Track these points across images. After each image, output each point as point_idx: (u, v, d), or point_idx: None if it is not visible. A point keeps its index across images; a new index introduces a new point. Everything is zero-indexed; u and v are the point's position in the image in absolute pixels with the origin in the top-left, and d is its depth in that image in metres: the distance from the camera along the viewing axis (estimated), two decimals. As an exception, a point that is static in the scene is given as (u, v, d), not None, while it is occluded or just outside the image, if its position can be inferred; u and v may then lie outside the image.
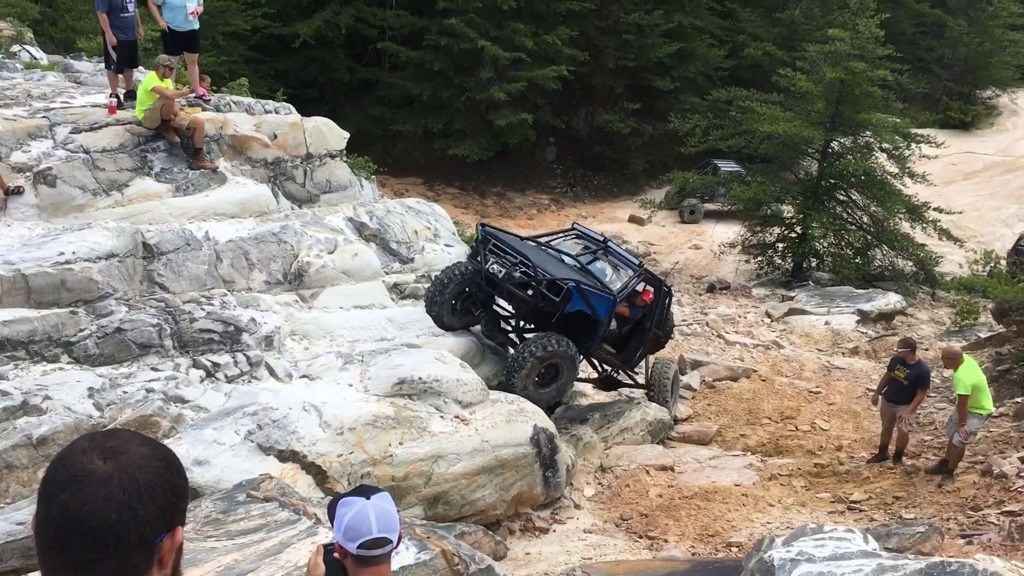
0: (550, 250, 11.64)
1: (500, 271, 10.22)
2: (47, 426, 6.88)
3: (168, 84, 10.82)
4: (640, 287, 11.45)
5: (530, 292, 10.10)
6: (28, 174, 9.70)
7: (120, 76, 11.41)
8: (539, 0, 31.17)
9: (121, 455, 1.45)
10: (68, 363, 7.91)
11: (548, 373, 10.16)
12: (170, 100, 10.59)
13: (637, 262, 11.93)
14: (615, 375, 12.51)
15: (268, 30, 28.22)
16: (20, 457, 6.68)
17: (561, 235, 12.49)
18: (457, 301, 10.65)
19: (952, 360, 10.01)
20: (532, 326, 10.92)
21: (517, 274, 10.15)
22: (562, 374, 10.28)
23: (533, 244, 11.75)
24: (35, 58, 15.70)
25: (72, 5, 23.50)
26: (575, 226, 12.72)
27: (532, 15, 31.04)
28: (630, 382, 12.62)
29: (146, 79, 10.72)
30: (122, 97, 11.24)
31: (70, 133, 10.25)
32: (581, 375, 11.92)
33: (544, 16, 31.37)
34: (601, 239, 11.99)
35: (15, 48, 15.95)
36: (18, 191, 9.50)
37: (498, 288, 10.30)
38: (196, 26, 11.51)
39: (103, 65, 15.04)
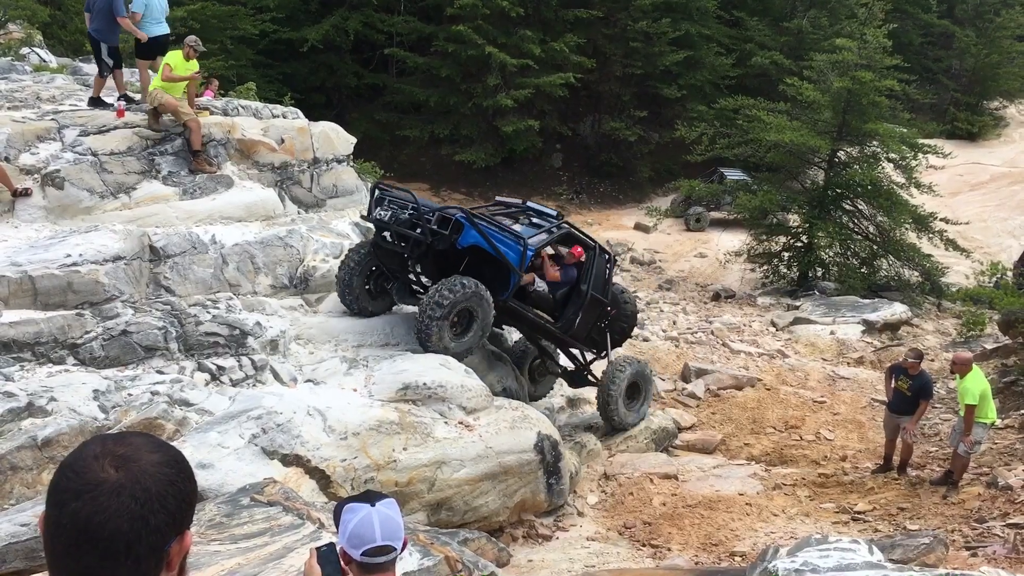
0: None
1: (386, 215, 9.85)
2: (52, 428, 6.88)
3: (194, 66, 11.04)
4: (569, 250, 10.91)
5: (419, 231, 9.57)
6: (36, 176, 9.73)
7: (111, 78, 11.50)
8: (547, 7, 31.23)
9: (133, 463, 1.44)
10: (74, 365, 7.92)
11: (462, 321, 9.62)
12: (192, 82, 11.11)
13: (557, 221, 11.14)
14: (586, 373, 11.96)
15: (276, 35, 28.31)
16: (25, 459, 6.69)
17: (482, 206, 11.96)
18: (370, 283, 10.41)
19: (962, 367, 9.96)
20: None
21: (405, 215, 9.73)
22: (476, 317, 9.69)
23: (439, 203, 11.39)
24: (44, 61, 15.73)
25: (81, 8, 23.55)
26: (496, 199, 12.14)
27: (540, 22, 31.10)
28: (593, 382, 11.90)
29: (173, 56, 10.92)
30: (115, 100, 11.31)
31: (78, 136, 10.29)
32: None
33: (552, 23, 31.43)
34: (521, 203, 11.54)
35: (24, 51, 16.00)
36: (26, 193, 9.53)
37: (392, 239, 9.91)
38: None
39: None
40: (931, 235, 22.13)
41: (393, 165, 24.75)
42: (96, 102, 11.28)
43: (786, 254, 23.58)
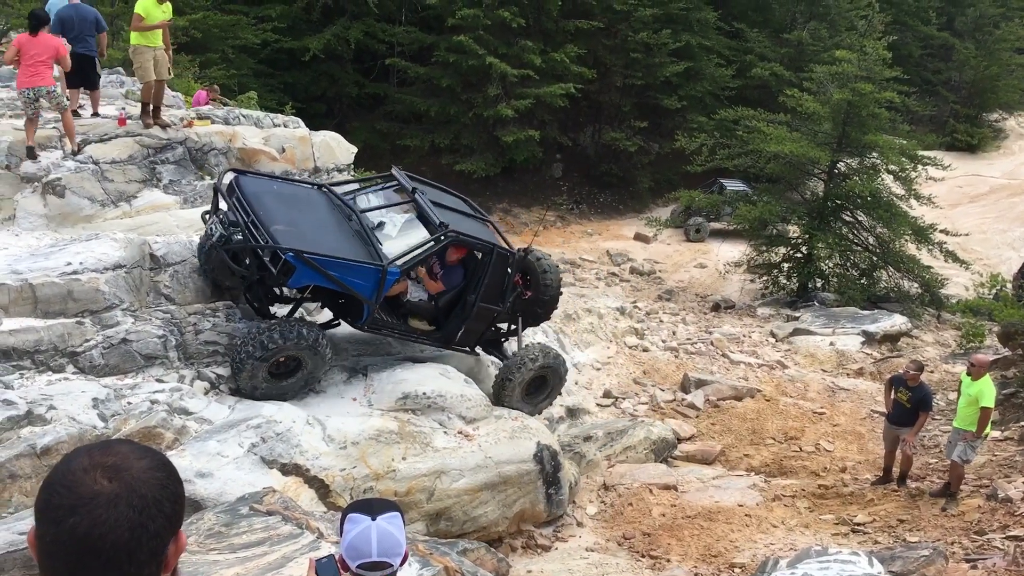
0: (341, 202, 9.72)
1: (216, 231, 8.64)
2: (51, 436, 6.87)
3: (168, 11, 10.87)
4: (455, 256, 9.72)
5: (245, 266, 8.49)
6: (37, 184, 9.74)
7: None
8: (547, 18, 31.33)
9: (125, 472, 1.45)
10: (73, 373, 7.92)
11: (288, 363, 8.65)
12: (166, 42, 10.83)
13: (441, 222, 9.24)
14: (500, 342, 10.74)
15: (278, 44, 28.36)
16: (24, 467, 6.68)
17: (380, 181, 10.66)
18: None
19: (980, 369, 9.92)
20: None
21: (237, 237, 8.42)
22: (304, 367, 8.70)
23: (317, 191, 9.89)
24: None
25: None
26: (393, 170, 10.48)
27: (540, 33, 31.20)
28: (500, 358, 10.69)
29: (143, 4, 10.61)
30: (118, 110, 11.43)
31: (80, 144, 10.30)
32: None
33: (552, 34, 31.53)
34: (411, 189, 9.80)
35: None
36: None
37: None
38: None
39: (112, 77, 15.19)
40: (931, 247, 22.16)
41: (393, 174, 24.79)
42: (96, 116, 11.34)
43: (786, 265, 23.60)
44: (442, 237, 9.15)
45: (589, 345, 15.87)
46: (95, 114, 11.41)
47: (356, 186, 10.66)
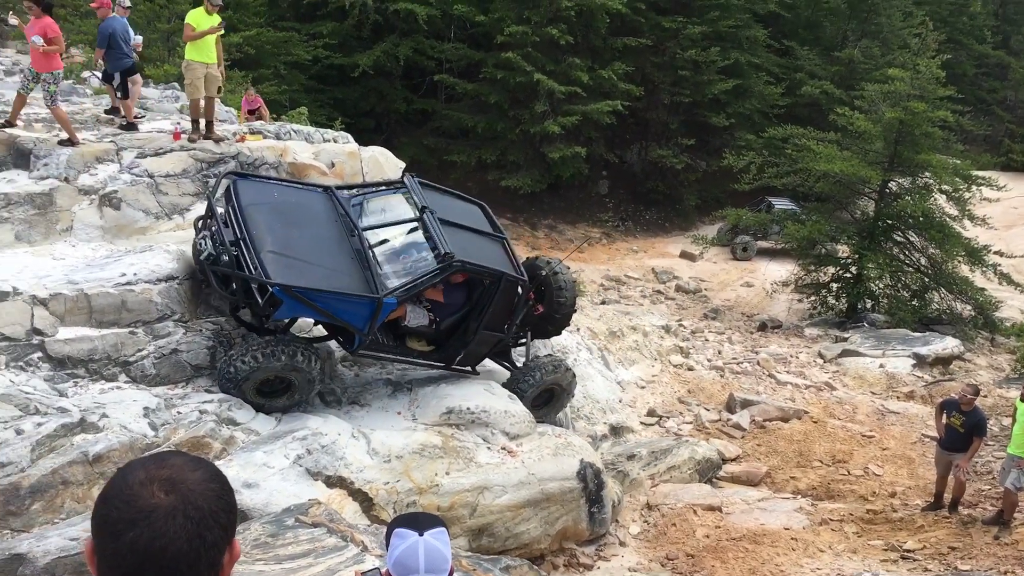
0: (344, 212, 9.27)
1: (206, 248, 8.39)
2: (103, 444, 7.00)
3: (216, 20, 11.22)
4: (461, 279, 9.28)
5: (231, 291, 8.34)
6: (94, 197, 9.97)
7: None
8: (596, 36, 31.36)
9: (181, 484, 1.48)
10: (125, 382, 8.07)
11: (278, 382, 8.39)
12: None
13: (446, 252, 8.63)
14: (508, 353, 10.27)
15: (328, 60, 28.76)
16: (76, 473, 6.81)
17: (386, 187, 10.13)
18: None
19: None
20: None
21: (225, 258, 8.15)
22: (294, 387, 8.42)
23: (322, 197, 9.44)
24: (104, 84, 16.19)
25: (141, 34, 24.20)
26: (405, 178, 9.94)
27: (588, 50, 31.23)
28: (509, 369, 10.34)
29: (192, 15, 11.09)
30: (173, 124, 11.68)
31: (136, 158, 10.53)
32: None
33: (600, 51, 31.55)
34: (420, 208, 9.23)
35: (86, 74, 16.45)
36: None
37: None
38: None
39: (168, 92, 15.52)
40: (984, 268, 21.69)
41: (440, 190, 24.97)
42: (132, 126, 11.58)
43: (835, 285, 23.26)
44: (445, 265, 8.66)
45: (633, 363, 15.78)
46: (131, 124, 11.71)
47: (364, 189, 10.20)
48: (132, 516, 1.43)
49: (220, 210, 8.73)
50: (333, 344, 9.59)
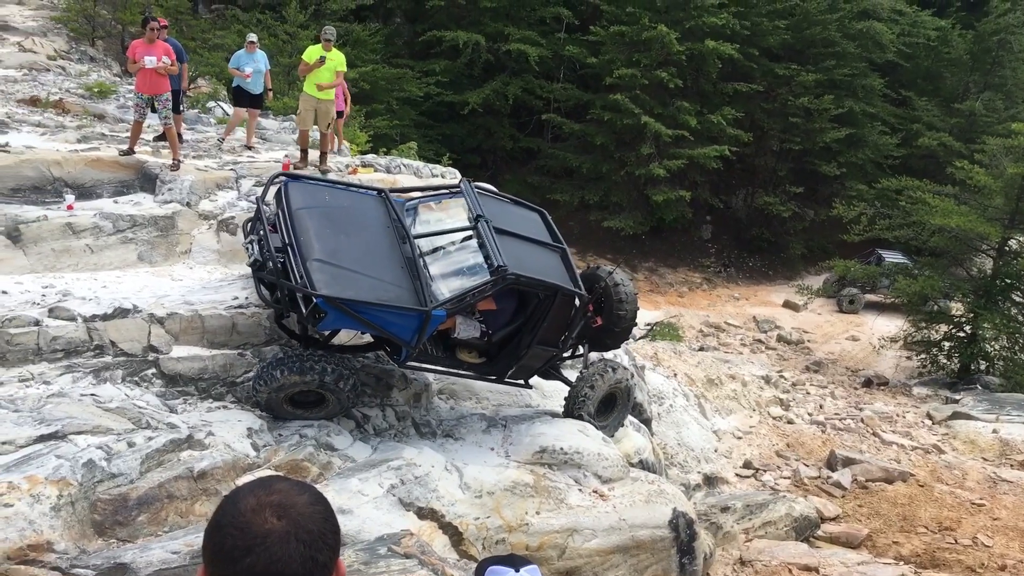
0: (397, 218, 8.94)
1: (254, 252, 8.21)
2: (208, 461, 7.21)
3: (337, 58, 11.92)
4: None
5: (276, 298, 8.05)
6: (213, 221, 10.39)
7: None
8: (706, 80, 31.26)
9: (291, 508, 1.53)
10: (232, 402, 8.31)
11: (310, 396, 8.21)
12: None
13: (499, 266, 8.14)
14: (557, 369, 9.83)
15: (439, 97, 29.44)
16: (181, 488, 7.02)
17: (444, 192, 9.85)
18: None
19: None
20: None
21: (271, 265, 7.89)
22: (327, 403, 8.25)
23: (375, 201, 9.12)
24: (227, 114, 16.91)
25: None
26: (461, 184, 9.53)
27: (698, 94, 31.14)
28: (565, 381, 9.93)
29: (310, 51, 11.79)
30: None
31: (253, 186, 10.94)
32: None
33: (710, 96, 31.42)
34: (475, 216, 8.75)
35: (210, 104, 17.23)
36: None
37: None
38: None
39: (285, 124, 16.10)
40: (1110, 334, 20.58)
41: (542, 228, 25.17)
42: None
43: (947, 344, 22.40)
44: (498, 280, 8.18)
45: (731, 412, 15.46)
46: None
47: (419, 194, 9.92)
48: (248, 543, 1.48)
49: (268, 214, 8.64)
50: (430, 377, 9.70)
